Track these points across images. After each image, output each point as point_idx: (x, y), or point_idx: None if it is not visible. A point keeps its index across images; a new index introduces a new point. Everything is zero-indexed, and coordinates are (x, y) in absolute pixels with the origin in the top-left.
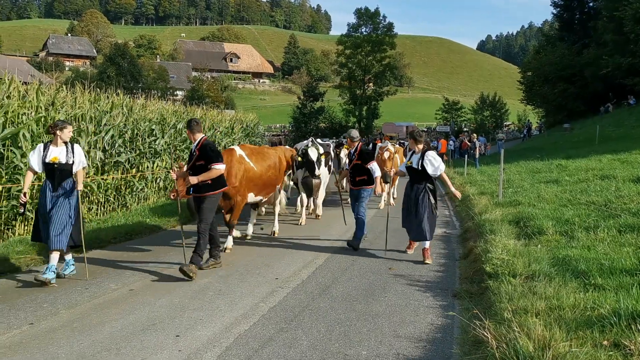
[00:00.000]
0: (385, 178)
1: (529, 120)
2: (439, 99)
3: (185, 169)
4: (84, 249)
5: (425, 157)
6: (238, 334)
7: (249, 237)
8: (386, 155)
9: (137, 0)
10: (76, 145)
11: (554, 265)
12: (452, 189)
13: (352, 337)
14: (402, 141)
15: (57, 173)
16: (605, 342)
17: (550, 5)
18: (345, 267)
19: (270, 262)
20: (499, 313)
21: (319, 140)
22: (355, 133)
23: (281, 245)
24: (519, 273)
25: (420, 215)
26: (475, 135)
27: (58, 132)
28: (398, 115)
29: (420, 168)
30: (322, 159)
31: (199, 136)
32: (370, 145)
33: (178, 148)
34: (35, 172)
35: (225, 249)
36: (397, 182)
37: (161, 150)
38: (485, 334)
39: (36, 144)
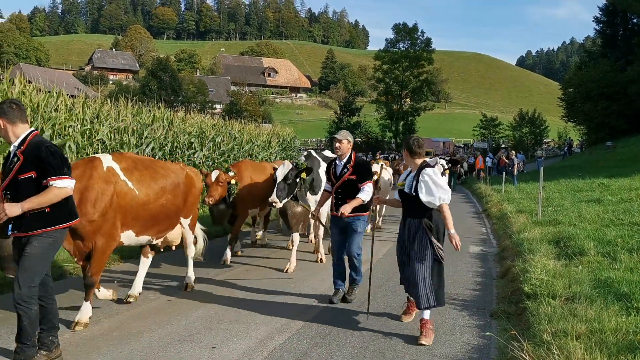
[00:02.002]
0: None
1: (570, 137)
2: (476, 115)
3: None
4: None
5: (421, 178)
6: (273, 348)
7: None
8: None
9: (179, 16)
10: None
11: (595, 287)
12: (452, 231)
13: (387, 354)
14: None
15: None
16: None
17: (593, 21)
18: (381, 283)
19: (306, 277)
20: (538, 335)
21: (326, 152)
22: (344, 134)
23: (316, 261)
24: (559, 294)
25: (415, 269)
26: (513, 152)
27: None
28: (435, 130)
29: (413, 193)
30: (305, 178)
31: (23, 129)
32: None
33: (217, 161)
34: None
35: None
36: None
37: (199, 163)
38: (524, 356)
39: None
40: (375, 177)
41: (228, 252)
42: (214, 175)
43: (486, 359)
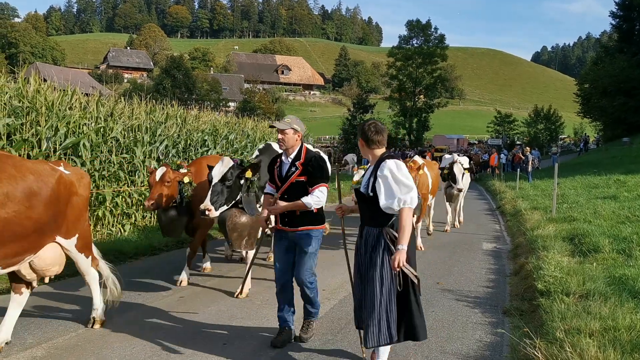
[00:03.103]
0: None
1: (585, 133)
2: (491, 111)
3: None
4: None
5: (379, 174)
6: None
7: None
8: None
9: (192, 15)
10: None
11: (610, 284)
12: (401, 246)
13: (399, 352)
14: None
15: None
16: None
17: (609, 16)
18: None
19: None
20: (551, 332)
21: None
22: (287, 120)
23: (328, 255)
24: (573, 291)
25: (369, 293)
26: (528, 148)
27: None
28: (449, 127)
29: (370, 194)
30: (252, 179)
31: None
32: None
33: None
34: None
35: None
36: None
37: None
38: (536, 353)
39: (95, 154)
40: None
41: (184, 272)
42: (159, 173)
43: (498, 356)
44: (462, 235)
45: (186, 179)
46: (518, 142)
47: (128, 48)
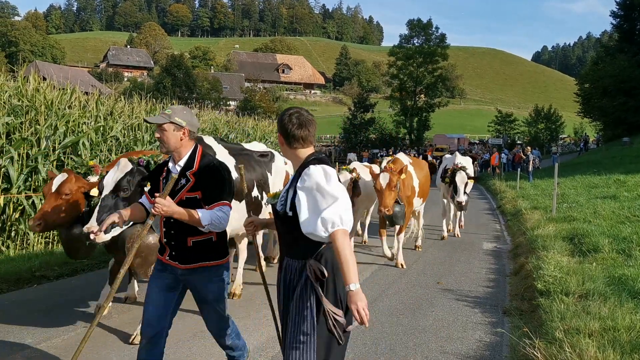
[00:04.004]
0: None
1: (585, 133)
2: (491, 110)
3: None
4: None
5: (299, 185)
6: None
7: None
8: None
9: (193, 13)
10: None
11: (610, 284)
12: (352, 286)
13: (398, 352)
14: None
15: None
16: None
17: (610, 15)
18: (393, 280)
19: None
20: (550, 332)
21: (256, 144)
22: (168, 113)
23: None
24: (572, 291)
25: (288, 343)
26: (529, 148)
27: None
28: (450, 127)
29: (290, 213)
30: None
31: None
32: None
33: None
34: None
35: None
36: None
37: None
38: (536, 353)
39: (95, 153)
40: (352, 176)
41: (103, 294)
42: (56, 181)
43: (498, 356)
44: (462, 234)
45: (94, 192)
46: (519, 142)
47: (128, 46)
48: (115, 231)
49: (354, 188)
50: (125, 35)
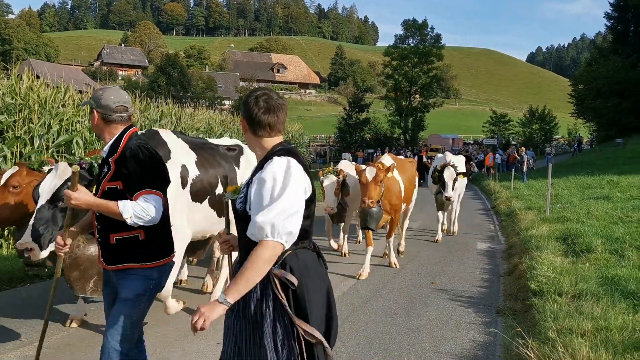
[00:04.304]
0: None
1: (579, 134)
2: (486, 111)
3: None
4: None
5: (258, 175)
6: None
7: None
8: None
9: (188, 12)
10: None
11: (602, 284)
12: (228, 297)
13: (392, 351)
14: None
15: None
16: None
17: (604, 17)
18: (387, 280)
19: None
20: (543, 332)
21: (225, 139)
22: (95, 93)
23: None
24: (565, 291)
25: None
26: (523, 148)
27: None
28: (444, 127)
29: (249, 211)
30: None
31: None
32: (416, 158)
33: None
34: None
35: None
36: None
37: None
38: (529, 353)
39: (88, 151)
40: (339, 178)
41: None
42: (6, 175)
43: (491, 356)
44: (456, 235)
45: None
46: (513, 142)
47: (122, 45)
48: (53, 246)
49: (343, 188)
50: (119, 34)
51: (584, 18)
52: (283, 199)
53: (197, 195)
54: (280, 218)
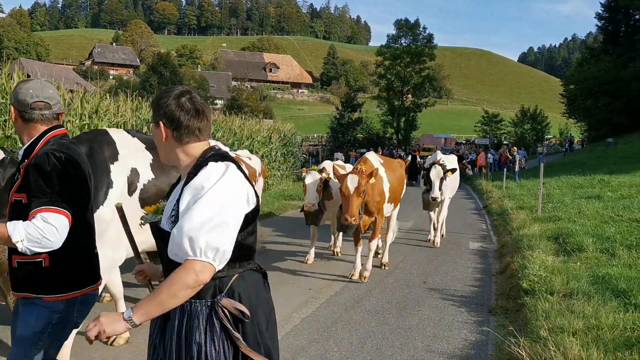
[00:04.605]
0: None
1: (570, 134)
2: (478, 111)
3: None
4: None
5: (190, 183)
6: None
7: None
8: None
9: (180, 11)
10: None
11: (594, 283)
12: (135, 317)
13: (384, 351)
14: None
15: None
16: None
17: (595, 17)
18: (379, 279)
19: (304, 273)
20: (535, 331)
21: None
22: (16, 87)
23: (316, 256)
24: (557, 290)
25: None
26: (515, 148)
27: None
28: (437, 127)
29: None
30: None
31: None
32: (410, 157)
33: None
34: None
35: None
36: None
37: None
38: (520, 352)
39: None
40: (322, 176)
41: None
42: None
43: (483, 355)
44: (449, 234)
45: None
46: (505, 142)
47: (114, 44)
48: None
49: (325, 189)
50: (111, 33)
51: (575, 18)
52: (207, 206)
53: (148, 202)
54: (201, 230)
